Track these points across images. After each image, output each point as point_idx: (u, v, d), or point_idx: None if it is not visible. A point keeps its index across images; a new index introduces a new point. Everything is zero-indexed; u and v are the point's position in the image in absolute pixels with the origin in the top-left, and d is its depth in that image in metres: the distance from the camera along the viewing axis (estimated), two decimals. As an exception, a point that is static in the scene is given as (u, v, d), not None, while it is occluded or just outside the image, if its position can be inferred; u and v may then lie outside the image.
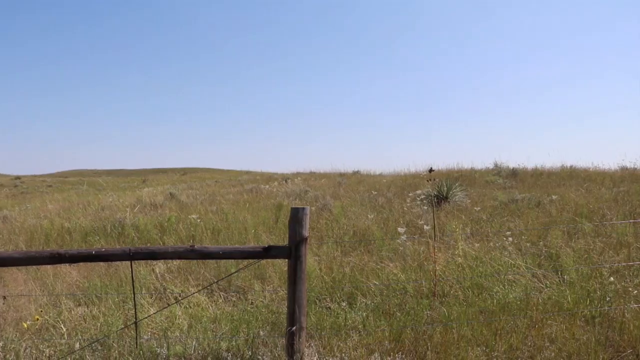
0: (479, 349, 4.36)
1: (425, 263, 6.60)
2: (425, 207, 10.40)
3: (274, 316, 5.23)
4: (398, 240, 7.38)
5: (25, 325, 4.89)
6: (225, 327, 4.93)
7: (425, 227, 8.01)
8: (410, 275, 6.25)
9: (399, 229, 7.25)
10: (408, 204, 11.05)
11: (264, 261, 6.39)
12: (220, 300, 5.86)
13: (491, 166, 20.42)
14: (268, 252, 4.12)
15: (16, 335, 4.80)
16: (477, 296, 5.60)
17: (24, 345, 4.55)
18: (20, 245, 8.71)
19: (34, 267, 6.68)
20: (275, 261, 6.60)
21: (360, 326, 4.90)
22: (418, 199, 11.21)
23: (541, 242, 7.53)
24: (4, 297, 4.75)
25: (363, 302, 5.60)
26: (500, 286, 5.76)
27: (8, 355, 4.37)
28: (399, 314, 5.14)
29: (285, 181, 20.32)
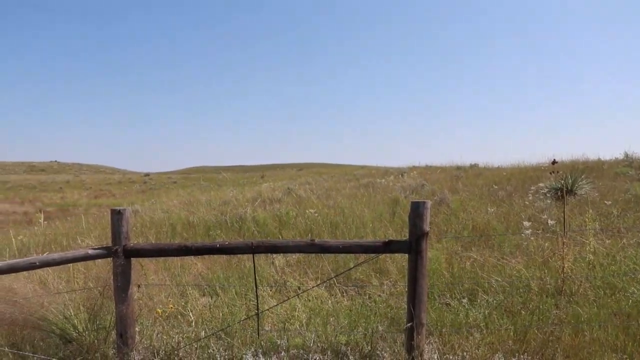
0: (614, 355, 4.06)
1: (551, 259, 6.27)
2: (549, 201, 9.90)
3: (392, 311, 5.17)
4: (522, 235, 7.07)
5: (157, 313, 5.16)
6: (343, 321, 4.92)
7: (549, 221, 7.63)
8: (535, 272, 5.96)
9: (524, 222, 6.95)
10: (530, 198, 10.58)
11: (382, 255, 6.34)
12: (339, 294, 5.88)
13: (621, 157, 19.17)
14: (388, 247, 4.06)
15: (150, 321, 5.06)
16: (610, 297, 5.23)
17: (156, 331, 4.80)
18: (150, 238, 9.20)
19: (163, 258, 7.01)
20: (394, 255, 6.53)
21: (482, 324, 4.73)
22: (540, 192, 10.69)
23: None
24: (138, 286, 5.02)
25: (484, 299, 5.41)
26: (637, 287, 5.35)
27: (144, 339, 4.62)
28: (523, 313, 4.91)
29: (401, 175, 20.16)
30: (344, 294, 5.92)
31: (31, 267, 4.20)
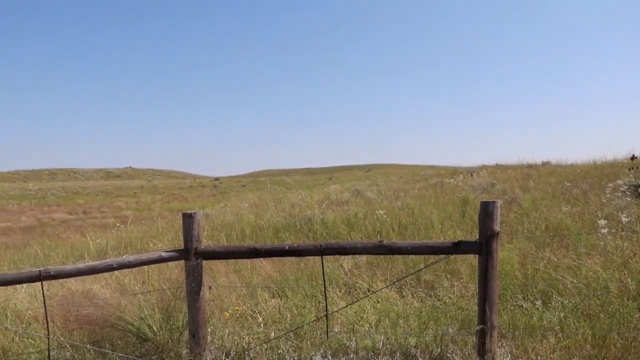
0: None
1: (631, 260, 6.01)
2: (628, 199, 9.50)
3: (462, 313, 5.08)
4: (599, 234, 6.81)
5: (227, 315, 5.26)
6: (413, 323, 4.88)
7: (625, 220, 7.31)
8: (613, 274, 5.72)
9: (600, 221, 6.67)
10: (607, 196, 10.17)
11: (452, 256, 6.24)
12: (408, 296, 5.83)
13: None
14: (457, 248, 4.00)
15: (221, 321, 5.17)
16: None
17: (227, 332, 4.90)
18: (221, 241, 9.38)
19: (233, 260, 7.13)
20: (465, 255, 6.42)
21: (557, 327, 4.58)
22: (619, 189, 10.27)
23: None
24: (210, 287, 5.14)
25: (559, 301, 5.24)
26: None
27: (216, 340, 4.73)
28: (602, 316, 4.72)
29: (470, 175, 19.79)
30: (414, 295, 5.87)
31: (109, 269, 4.37)
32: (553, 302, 5.21)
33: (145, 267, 6.16)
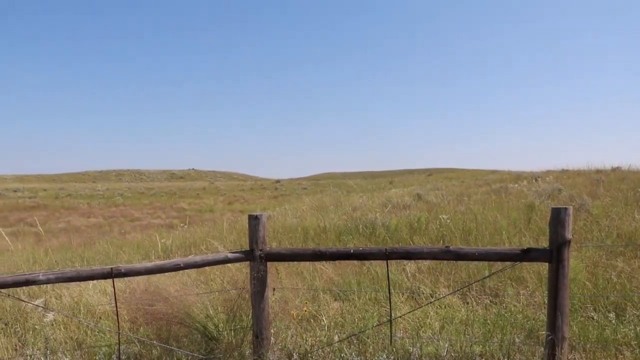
0: None
1: None
2: None
3: (529, 322, 4.94)
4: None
5: (294, 314, 5.29)
6: (478, 331, 4.78)
7: None
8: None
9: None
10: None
11: (520, 263, 6.08)
12: (473, 303, 5.71)
13: None
14: (527, 255, 3.90)
15: (284, 323, 5.19)
16: None
17: (290, 334, 4.92)
18: (282, 243, 9.45)
19: (295, 262, 7.16)
20: (531, 263, 6.25)
21: (634, 342, 4.39)
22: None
23: None
24: (274, 289, 5.17)
25: (634, 314, 5.02)
26: None
27: (279, 341, 4.76)
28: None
29: (535, 180, 19.29)
30: (479, 302, 5.74)
31: (176, 268, 4.46)
32: (627, 315, 5.00)
33: (209, 267, 6.25)
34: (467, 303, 5.71)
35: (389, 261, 4.38)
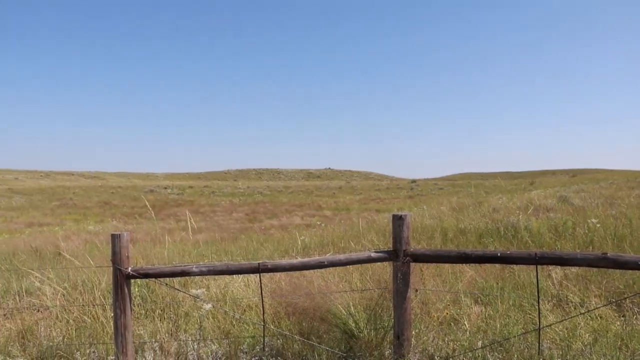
0: None
1: None
2: None
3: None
4: None
5: (435, 316, 5.21)
6: (638, 347, 4.42)
7: None
8: None
9: None
10: None
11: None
12: (630, 315, 5.28)
13: None
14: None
15: (423, 325, 5.12)
16: None
17: (431, 336, 4.84)
18: (421, 244, 9.32)
19: (434, 264, 7.04)
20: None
21: None
22: None
23: None
24: (416, 290, 5.12)
25: None
26: None
27: (420, 343, 4.71)
28: None
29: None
30: (637, 315, 5.30)
31: (320, 265, 4.55)
32: None
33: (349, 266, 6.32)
34: (624, 316, 5.29)
35: (531, 266, 4.18)
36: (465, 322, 5.19)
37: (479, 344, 4.61)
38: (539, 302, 4.42)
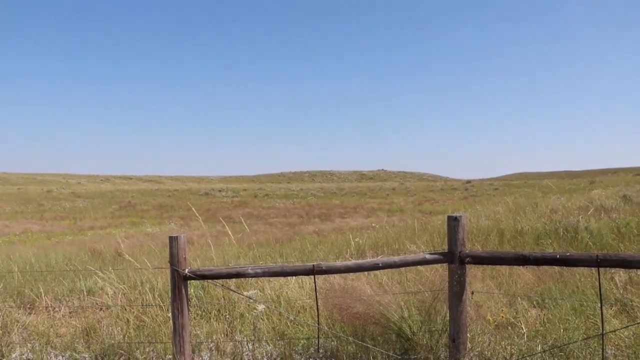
0: None
1: None
2: None
3: None
4: None
5: (491, 320, 5.09)
6: None
7: None
8: None
9: None
10: None
11: None
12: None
13: None
14: None
15: (480, 328, 5.00)
16: None
17: (487, 340, 4.73)
18: (476, 245, 9.14)
19: (490, 266, 6.88)
20: None
21: None
22: None
23: None
24: (472, 292, 5.01)
25: None
26: None
27: (475, 347, 4.59)
28: None
29: None
30: None
31: (375, 267, 4.52)
32: None
33: (403, 268, 6.24)
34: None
35: (593, 267, 4.02)
36: (523, 326, 5.05)
37: (538, 348, 4.47)
38: (601, 307, 4.24)
